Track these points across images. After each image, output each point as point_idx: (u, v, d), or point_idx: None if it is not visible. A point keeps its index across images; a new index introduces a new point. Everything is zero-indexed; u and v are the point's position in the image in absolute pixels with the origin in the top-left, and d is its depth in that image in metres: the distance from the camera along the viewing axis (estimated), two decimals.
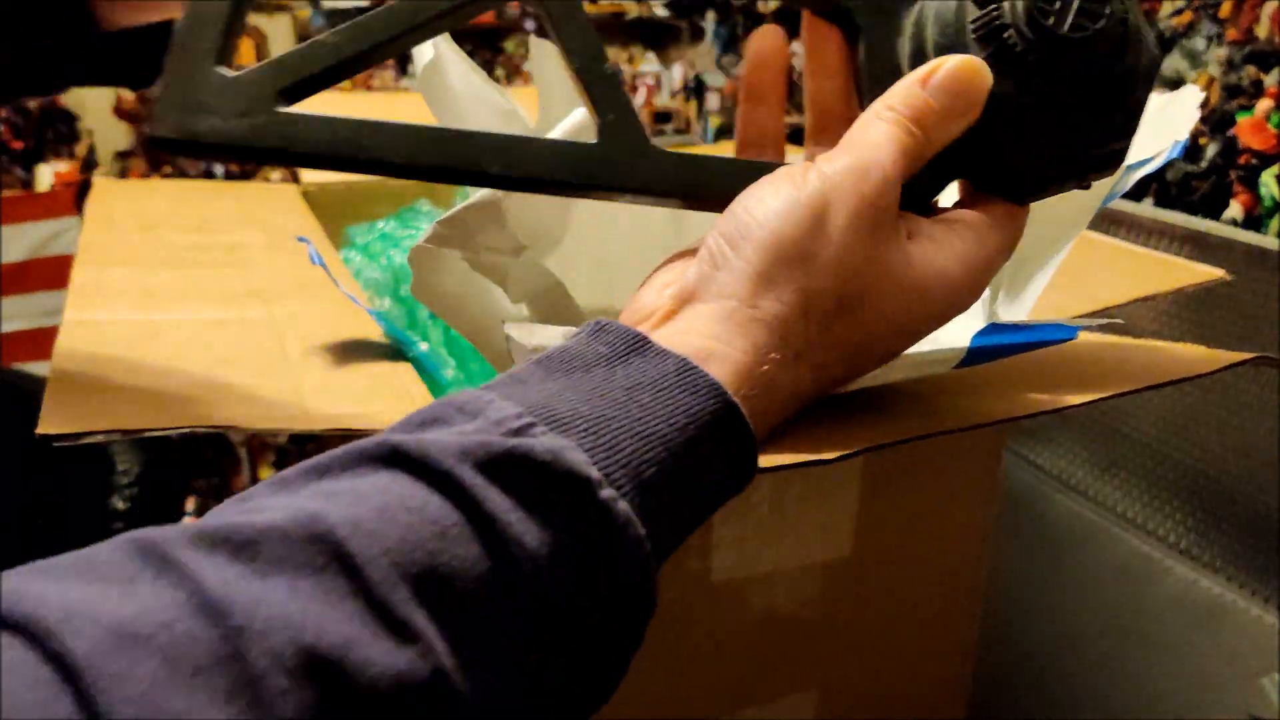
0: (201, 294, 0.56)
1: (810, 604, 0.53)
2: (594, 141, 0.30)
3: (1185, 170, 1.47)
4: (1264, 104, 1.42)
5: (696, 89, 2.87)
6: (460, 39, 0.49)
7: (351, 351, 0.50)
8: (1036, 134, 0.30)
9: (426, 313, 0.60)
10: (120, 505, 0.78)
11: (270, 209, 0.75)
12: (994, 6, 0.29)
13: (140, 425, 0.38)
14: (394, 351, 0.51)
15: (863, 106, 0.31)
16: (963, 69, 0.29)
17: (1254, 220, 1.37)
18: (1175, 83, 1.59)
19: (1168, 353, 0.48)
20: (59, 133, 2.56)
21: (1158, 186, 1.50)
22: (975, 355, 0.36)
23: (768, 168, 0.30)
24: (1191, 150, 1.49)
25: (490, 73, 1.10)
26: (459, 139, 0.29)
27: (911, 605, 0.57)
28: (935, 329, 0.31)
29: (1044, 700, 0.84)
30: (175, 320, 0.52)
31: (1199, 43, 1.62)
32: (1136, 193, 1.54)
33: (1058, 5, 0.29)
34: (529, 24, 3.02)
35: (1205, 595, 0.75)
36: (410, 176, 0.29)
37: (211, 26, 0.28)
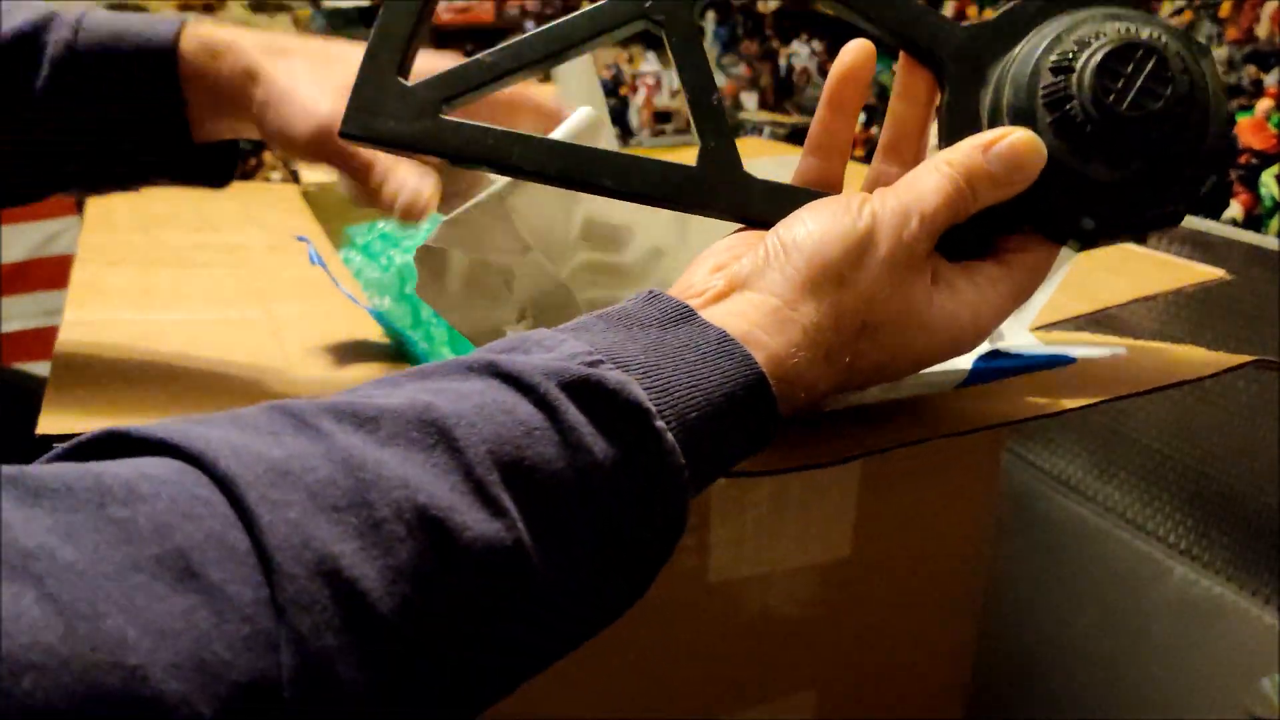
0: (201, 294, 0.56)
1: (809, 604, 0.53)
2: (693, 165, 0.35)
3: None
4: (1264, 104, 1.42)
5: None
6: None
7: (351, 351, 0.50)
8: (1092, 199, 0.33)
9: (429, 312, 0.60)
10: None
11: (270, 209, 0.75)
12: (1063, 78, 0.32)
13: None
14: (394, 351, 0.51)
15: (941, 144, 0.34)
16: (1023, 145, 0.32)
17: (1254, 220, 1.37)
18: None
19: (1168, 355, 0.48)
20: None
21: None
22: (975, 376, 0.39)
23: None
24: None
25: None
26: (583, 154, 0.34)
27: (910, 606, 0.57)
28: (939, 362, 0.34)
29: (1043, 700, 0.84)
30: (175, 320, 0.52)
31: None
32: None
33: (1120, 84, 0.31)
34: (529, 25, 3.02)
35: (1205, 595, 0.75)
36: (542, 181, 0.35)
37: (394, 42, 0.34)
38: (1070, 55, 0.32)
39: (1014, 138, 0.32)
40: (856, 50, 0.35)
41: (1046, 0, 0.34)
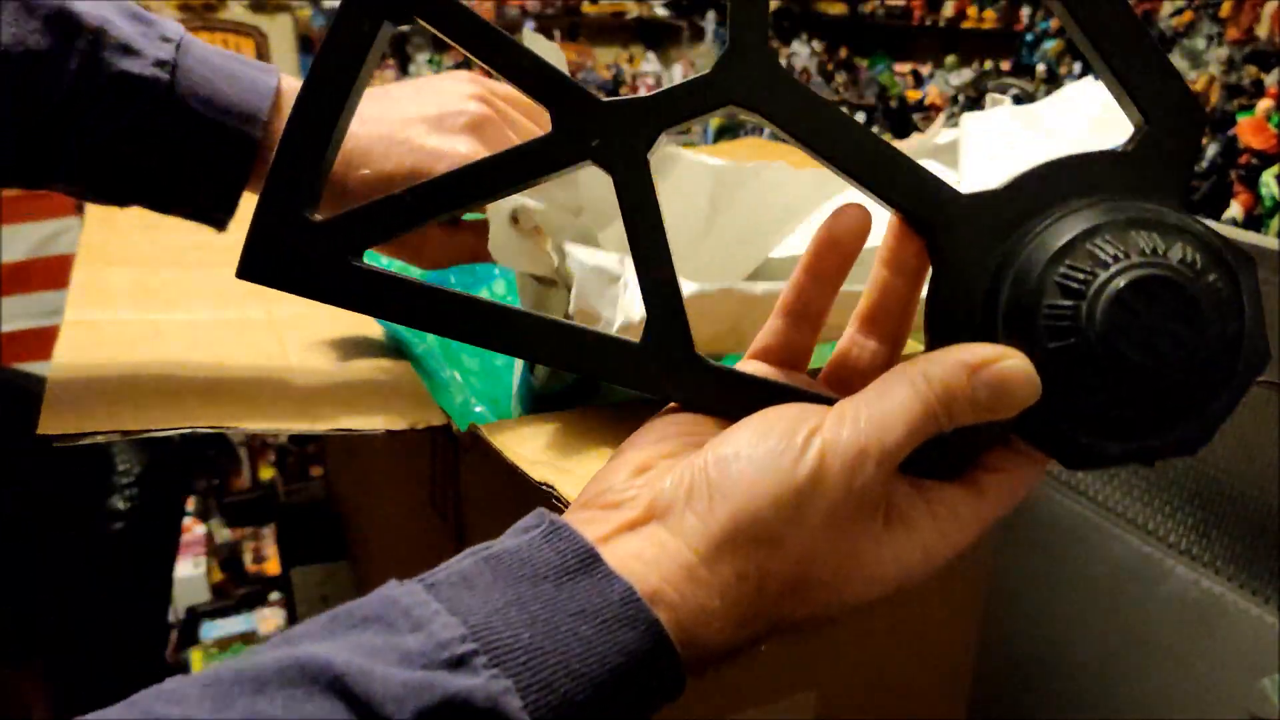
0: (201, 294, 0.56)
1: None
2: (636, 342, 0.31)
3: None
4: (1264, 104, 1.42)
5: None
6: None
7: (352, 350, 0.50)
8: (1093, 427, 0.28)
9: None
10: (120, 505, 0.78)
11: None
12: (1072, 304, 0.27)
13: (140, 425, 0.38)
14: (394, 351, 0.51)
15: (926, 327, 0.30)
16: (1016, 376, 0.27)
17: (1254, 220, 1.37)
18: None
19: None
20: None
21: None
22: None
23: (795, 395, 0.30)
24: None
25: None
26: (516, 320, 0.30)
27: (911, 606, 0.57)
28: (879, 599, 0.30)
29: (1044, 700, 0.84)
30: (175, 320, 0.52)
31: (1199, 42, 1.62)
32: None
33: (1139, 324, 0.26)
34: (530, 25, 3.03)
35: (1205, 595, 0.75)
36: (467, 343, 0.31)
37: (302, 164, 0.30)
38: (1082, 277, 0.27)
39: (1006, 366, 0.27)
40: (849, 219, 0.31)
41: (1060, 176, 0.29)
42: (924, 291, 0.31)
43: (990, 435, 0.29)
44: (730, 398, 0.30)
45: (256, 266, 0.30)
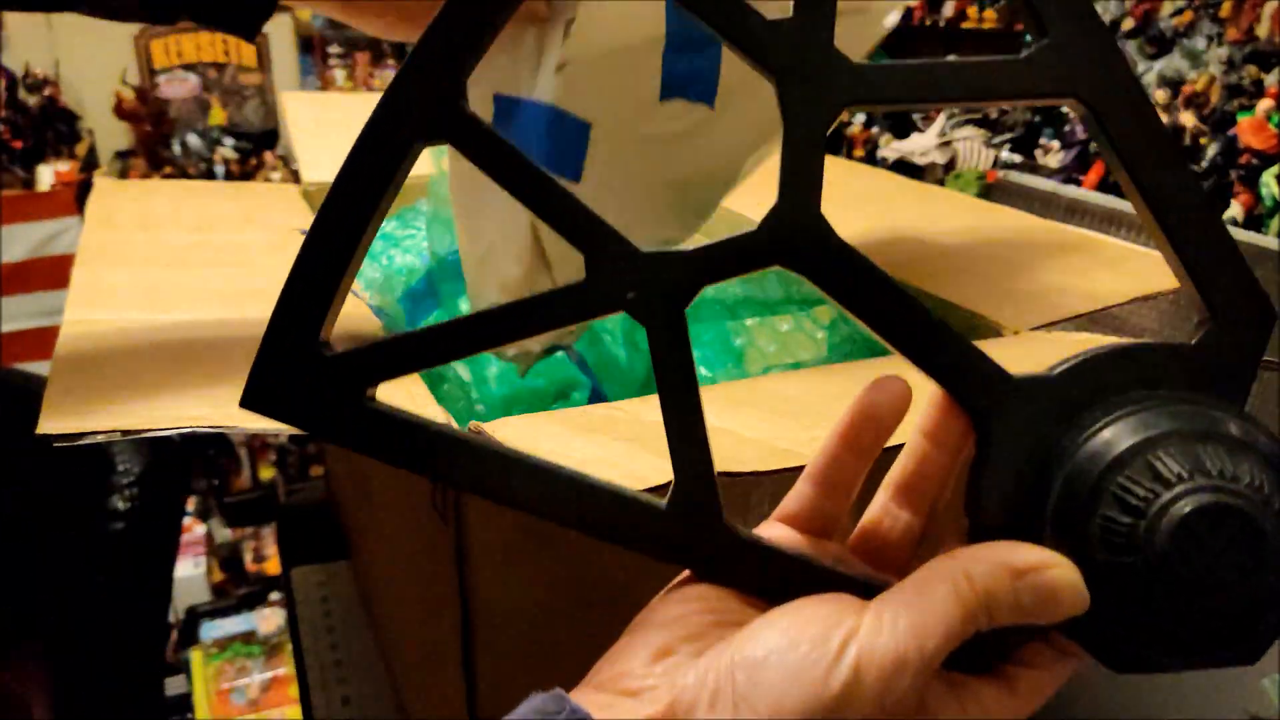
0: (201, 294, 0.55)
1: None
2: (663, 504, 0.29)
3: None
4: (1264, 104, 1.42)
5: None
6: None
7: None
8: (1140, 638, 0.26)
9: (428, 312, 0.60)
10: (120, 505, 0.78)
11: (270, 209, 0.75)
12: (1130, 520, 0.25)
13: (140, 425, 0.38)
14: None
15: (966, 508, 0.28)
16: (1064, 585, 0.26)
17: (1254, 220, 1.37)
18: (1176, 83, 1.59)
19: None
20: (59, 132, 2.56)
21: None
22: None
23: (828, 576, 0.29)
24: (1192, 150, 1.49)
25: None
26: (536, 472, 0.29)
27: None
28: None
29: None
30: (175, 320, 0.52)
31: (1199, 42, 1.62)
32: None
33: (1201, 550, 0.25)
34: None
35: None
36: (475, 494, 0.29)
37: (315, 291, 0.28)
38: (1142, 494, 0.25)
39: (1055, 575, 0.26)
40: (889, 393, 0.29)
41: (1119, 365, 0.28)
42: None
43: (1029, 632, 0.28)
44: (760, 574, 0.29)
45: (262, 397, 0.28)
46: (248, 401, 0.28)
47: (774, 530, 0.31)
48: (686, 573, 0.30)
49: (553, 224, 0.28)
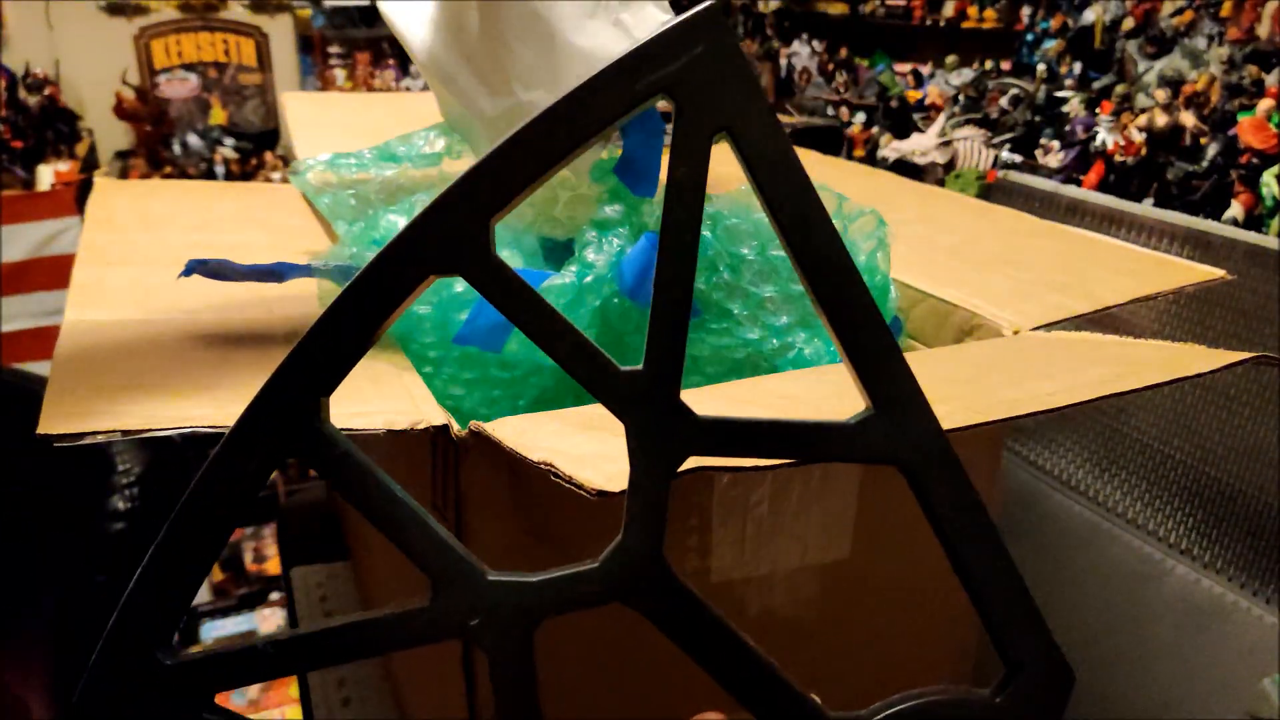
0: (202, 294, 0.56)
1: (809, 604, 0.53)
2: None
3: (1186, 170, 1.47)
4: (1265, 103, 1.42)
5: None
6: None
7: None
8: None
9: (427, 312, 0.60)
10: (120, 505, 0.78)
11: (270, 209, 0.75)
12: None
13: (140, 425, 0.38)
14: (394, 351, 0.51)
15: None
16: None
17: (1255, 220, 1.37)
18: (1176, 82, 1.59)
19: (1168, 352, 0.48)
20: (59, 132, 2.56)
21: (1158, 186, 1.50)
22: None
23: None
24: (1192, 150, 1.49)
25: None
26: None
27: (911, 606, 0.57)
28: None
29: None
30: (175, 320, 0.52)
31: (1200, 42, 1.62)
32: (1137, 193, 1.54)
33: None
34: None
35: (1205, 595, 0.75)
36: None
37: (164, 599, 0.26)
38: None
39: None
40: None
41: (932, 716, 0.31)
42: None
43: None
44: None
45: (96, 703, 0.27)
46: (82, 702, 0.27)
47: None
48: None
49: (399, 545, 0.27)
